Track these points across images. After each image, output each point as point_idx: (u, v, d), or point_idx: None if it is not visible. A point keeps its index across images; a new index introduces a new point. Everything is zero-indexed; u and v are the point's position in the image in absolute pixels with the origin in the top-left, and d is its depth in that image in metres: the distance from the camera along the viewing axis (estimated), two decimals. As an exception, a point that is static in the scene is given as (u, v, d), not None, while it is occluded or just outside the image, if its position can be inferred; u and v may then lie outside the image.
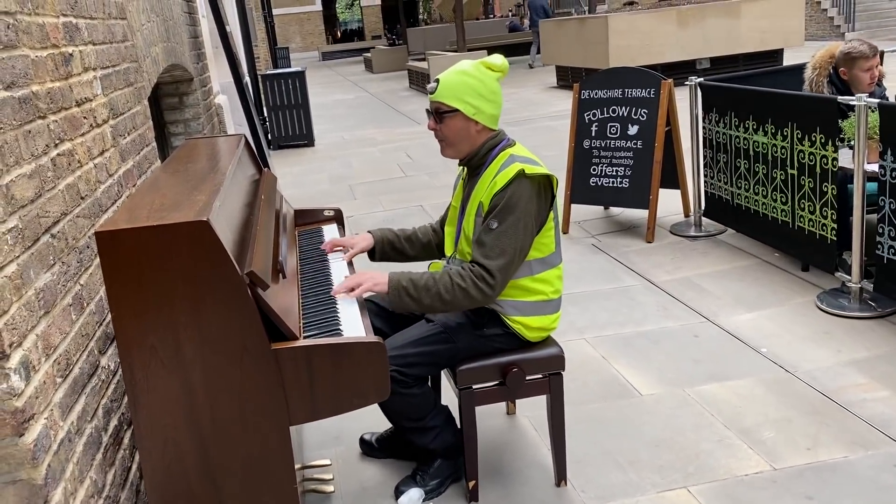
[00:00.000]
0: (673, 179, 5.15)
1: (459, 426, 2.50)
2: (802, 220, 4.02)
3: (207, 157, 2.62)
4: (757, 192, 4.36)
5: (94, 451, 1.90)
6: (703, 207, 4.99)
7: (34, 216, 1.76)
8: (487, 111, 2.36)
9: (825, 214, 3.84)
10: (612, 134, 5.15)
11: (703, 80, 4.88)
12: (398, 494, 2.53)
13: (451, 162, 2.65)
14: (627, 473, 2.60)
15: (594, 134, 5.23)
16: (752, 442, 2.71)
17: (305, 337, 1.97)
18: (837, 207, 3.77)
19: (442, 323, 2.40)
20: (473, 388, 2.43)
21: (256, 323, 1.80)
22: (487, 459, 2.71)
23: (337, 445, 2.91)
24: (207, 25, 6.36)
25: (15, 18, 1.83)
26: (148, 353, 1.78)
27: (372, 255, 2.65)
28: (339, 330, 2.02)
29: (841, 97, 3.70)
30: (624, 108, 5.09)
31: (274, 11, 22.22)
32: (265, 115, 10.25)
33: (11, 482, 1.55)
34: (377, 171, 8.06)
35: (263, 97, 10.19)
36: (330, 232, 2.88)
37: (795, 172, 4.01)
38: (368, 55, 23.93)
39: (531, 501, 2.49)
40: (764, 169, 4.26)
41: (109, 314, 2.02)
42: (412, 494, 2.50)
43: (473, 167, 2.45)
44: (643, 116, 5.01)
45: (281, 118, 10.14)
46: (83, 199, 2.14)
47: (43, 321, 1.72)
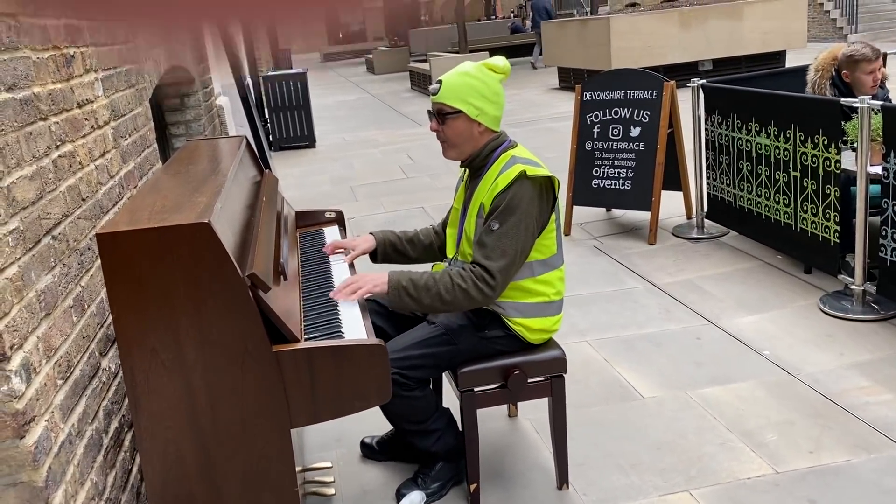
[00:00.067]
0: (675, 181, 5.14)
1: (461, 429, 2.50)
2: (805, 222, 4.01)
3: (209, 158, 2.62)
4: (759, 194, 4.35)
5: (94, 453, 1.90)
6: (705, 209, 4.98)
7: (35, 218, 1.75)
8: (490, 112, 2.36)
9: (828, 217, 3.83)
10: (614, 136, 5.14)
11: (705, 81, 4.87)
12: (399, 497, 2.52)
13: (452, 163, 2.64)
14: (629, 476, 2.59)
15: (596, 136, 5.22)
16: (754, 445, 2.71)
17: (307, 339, 1.97)
18: (840, 210, 3.76)
19: (443, 325, 2.40)
20: (475, 390, 2.42)
21: (258, 325, 1.79)
22: (489, 462, 2.70)
23: (338, 448, 2.90)
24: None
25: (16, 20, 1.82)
26: (149, 355, 1.78)
27: (374, 257, 2.65)
28: (340, 332, 2.02)
29: (844, 99, 3.69)
30: (626, 109, 5.08)
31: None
32: (266, 116, 10.25)
33: (12, 484, 1.55)
34: (378, 172, 8.06)
35: (265, 98, 10.19)
36: (331, 234, 2.87)
37: (798, 174, 4.00)
38: (370, 56, 23.95)
39: (533, 504, 2.49)
40: (767, 171, 4.25)
41: (110, 316, 2.01)
42: (413, 497, 2.50)
43: (475, 169, 2.44)
44: (645, 118, 5.00)
45: (282, 119, 10.14)
46: (84, 200, 2.14)
47: (44, 323, 1.72)
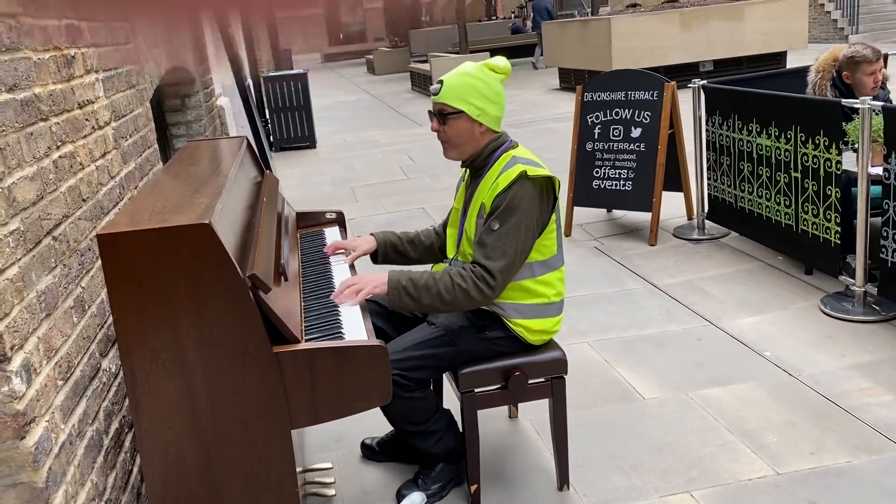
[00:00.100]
0: (676, 182, 5.14)
1: (461, 430, 2.50)
2: (806, 223, 4.00)
3: (209, 159, 2.62)
4: (760, 195, 4.35)
5: (95, 453, 1.90)
6: (706, 210, 4.98)
7: (36, 218, 1.75)
8: (491, 113, 2.36)
9: (829, 218, 3.83)
10: (615, 136, 5.14)
11: (706, 82, 4.87)
12: (400, 498, 2.52)
13: (453, 164, 2.64)
14: (630, 478, 2.59)
15: (597, 136, 5.22)
16: (755, 446, 2.70)
17: (307, 340, 1.97)
18: (841, 211, 3.75)
19: (444, 326, 2.40)
20: (475, 391, 2.42)
21: (258, 326, 1.79)
22: (489, 463, 2.70)
23: (338, 448, 2.90)
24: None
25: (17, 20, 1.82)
26: (149, 355, 1.78)
27: (374, 258, 2.65)
28: (340, 333, 2.02)
29: (845, 100, 3.69)
30: (627, 110, 5.08)
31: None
32: (267, 116, 10.25)
33: (12, 485, 1.55)
34: (379, 173, 8.06)
35: (265, 99, 10.19)
36: (332, 235, 2.87)
37: (799, 175, 4.00)
38: (370, 57, 23.95)
39: (533, 505, 2.49)
40: (767, 172, 4.25)
41: (111, 317, 2.01)
42: (414, 498, 2.49)
43: (476, 169, 2.44)
44: (646, 119, 5.00)
45: (283, 120, 10.14)
46: (85, 201, 2.14)
47: (44, 324, 1.72)
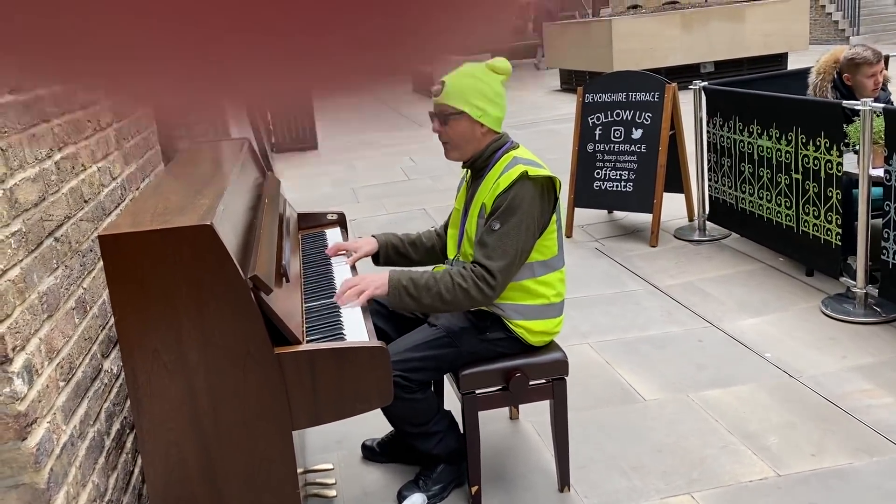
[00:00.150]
0: (677, 183, 5.14)
1: (462, 431, 2.50)
2: (807, 224, 4.00)
3: (211, 160, 2.62)
4: (761, 196, 4.35)
5: (96, 454, 1.90)
6: (707, 212, 4.98)
7: (37, 220, 1.76)
8: (492, 113, 2.36)
9: (830, 219, 3.83)
10: (615, 138, 5.14)
11: (707, 83, 4.87)
12: (400, 499, 2.52)
13: (454, 165, 2.64)
14: (631, 479, 2.59)
15: (598, 137, 5.22)
16: (756, 448, 2.70)
17: (309, 341, 1.97)
18: (842, 212, 3.76)
19: (445, 327, 2.40)
20: (476, 392, 2.42)
21: (260, 327, 1.79)
22: (490, 464, 2.70)
23: (339, 449, 2.90)
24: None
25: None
26: (151, 356, 1.78)
27: (376, 259, 2.65)
28: (342, 334, 2.02)
29: (846, 102, 3.69)
30: (628, 111, 5.08)
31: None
32: (268, 118, 10.26)
33: (14, 486, 1.55)
34: (380, 174, 8.06)
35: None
36: (333, 236, 2.87)
37: (800, 177, 4.00)
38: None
39: (534, 507, 2.49)
40: (768, 173, 4.25)
41: (112, 318, 2.02)
42: (415, 499, 2.49)
43: (477, 169, 2.44)
44: (647, 120, 5.00)
45: (284, 122, 10.14)
46: (86, 202, 2.14)
47: (46, 325, 1.72)
